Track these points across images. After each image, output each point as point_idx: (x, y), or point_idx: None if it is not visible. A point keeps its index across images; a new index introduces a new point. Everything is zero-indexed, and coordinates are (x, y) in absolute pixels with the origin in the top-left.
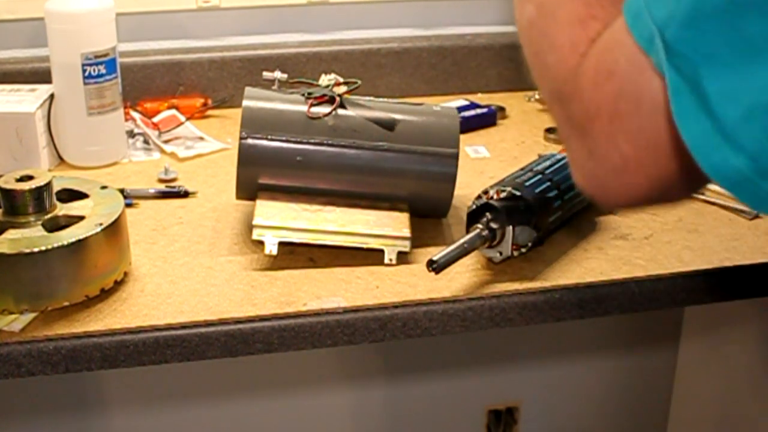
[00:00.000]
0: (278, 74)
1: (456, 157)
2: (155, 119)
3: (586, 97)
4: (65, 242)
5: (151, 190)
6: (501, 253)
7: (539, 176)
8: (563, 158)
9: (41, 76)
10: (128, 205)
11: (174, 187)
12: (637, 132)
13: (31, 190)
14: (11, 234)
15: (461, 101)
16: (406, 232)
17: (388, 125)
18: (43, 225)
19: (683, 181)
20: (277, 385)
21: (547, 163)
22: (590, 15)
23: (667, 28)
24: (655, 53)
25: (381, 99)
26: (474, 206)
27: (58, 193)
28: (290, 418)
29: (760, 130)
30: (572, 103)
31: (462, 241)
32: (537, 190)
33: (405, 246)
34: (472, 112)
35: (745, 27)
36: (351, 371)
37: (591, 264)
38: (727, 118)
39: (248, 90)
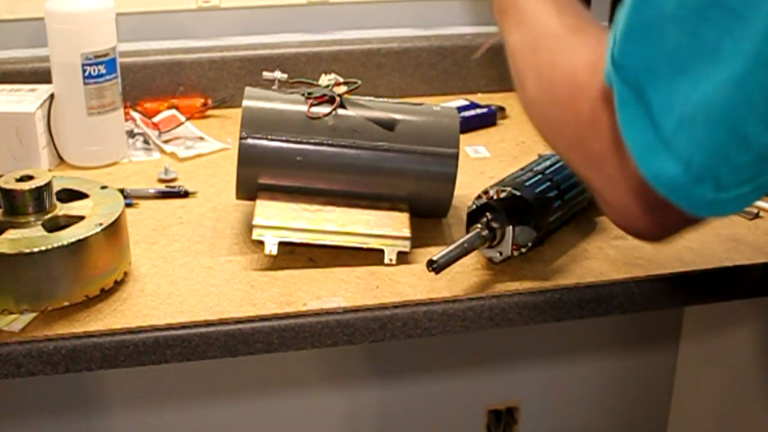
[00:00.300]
0: (278, 74)
1: (456, 157)
2: (155, 119)
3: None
4: (65, 242)
5: (151, 190)
6: (501, 253)
7: (539, 176)
8: None
9: (41, 76)
10: (128, 205)
11: (174, 187)
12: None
13: (31, 190)
14: (11, 234)
15: (461, 101)
16: (406, 232)
17: (388, 125)
18: (43, 225)
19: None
20: (278, 385)
21: (547, 163)
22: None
23: (615, 44)
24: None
25: (381, 99)
26: (474, 206)
27: (58, 193)
28: (290, 418)
29: (688, 139)
30: (592, 140)
31: (462, 241)
32: (537, 190)
33: (405, 246)
34: (472, 112)
35: (669, 41)
36: (351, 371)
37: (591, 264)
38: (665, 127)
39: (248, 90)
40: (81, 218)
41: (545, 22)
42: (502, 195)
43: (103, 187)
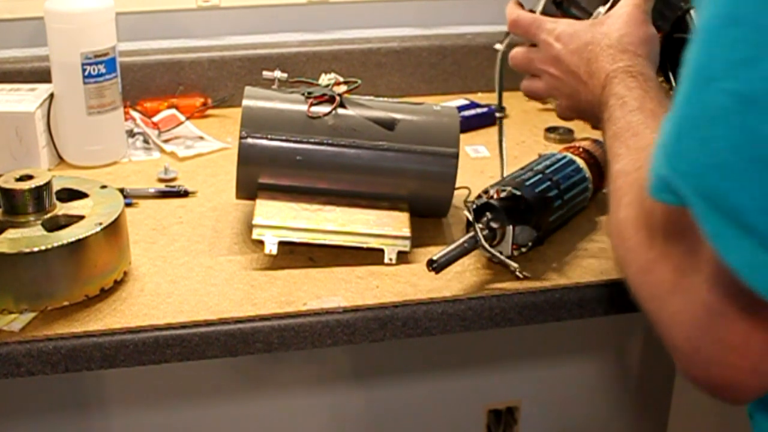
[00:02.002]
0: (278, 73)
1: (456, 156)
2: (155, 119)
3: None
4: (65, 242)
5: (151, 190)
6: (501, 253)
7: (539, 176)
8: (563, 158)
9: (41, 75)
10: (128, 205)
11: (174, 186)
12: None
13: (30, 190)
14: (11, 233)
15: (461, 100)
16: (406, 231)
17: (388, 125)
18: (42, 224)
19: None
20: (278, 384)
21: (548, 162)
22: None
23: (665, 152)
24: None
25: (381, 98)
26: (474, 206)
27: (58, 192)
28: (290, 418)
29: None
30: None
31: (462, 240)
32: (537, 190)
33: (405, 245)
34: (472, 112)
35: (742, 129)
36: (351, 371)
37: (591, 263)
38: (764, 231)
39: (248, 89)
40: (81, 218)
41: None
42: (503, 194)
43: (103, 187)
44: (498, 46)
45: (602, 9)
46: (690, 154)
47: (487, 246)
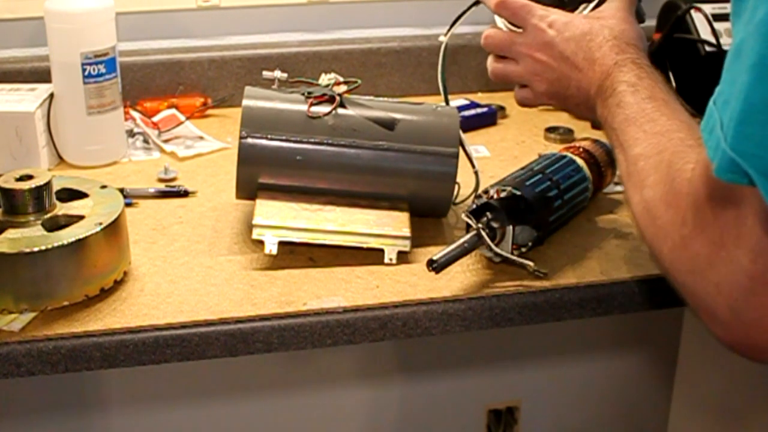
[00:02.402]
0: (278, 73)
1: (456, 156)
2: (155, 119)
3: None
4: (65, 242)
5: (151, 190)
6: (503, 259)
7: (539, 175)
8: (563, 157)
9: (41, 75)
10: (128, 205)
11: (174, 186)
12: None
13: (30, 190)
14: (11, 233)
15: (461, 100)
16: (406, 231)
17: (388, 124)
18: (42, 224)
19: None
20: (277, 384)
21: (548, 162)
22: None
23: (728, 135)
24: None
25: (381, 98)
26: (474, 205)
27: (58, 192)
28: (289, 418)
29: None
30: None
31: (462, 240)
32: (537, 190)
33: (405, 245)
34: (472, 112)
35: None
36: (350, 371)
37: (591, 263)
38: None
39: (248, 89)
40: (81, 218)
41: (670, 126)
42: (503, 194)
43: (103, 187)
44: (442, 38)
45: (589, 5)
46: (756, 136)
47: (497, 249)
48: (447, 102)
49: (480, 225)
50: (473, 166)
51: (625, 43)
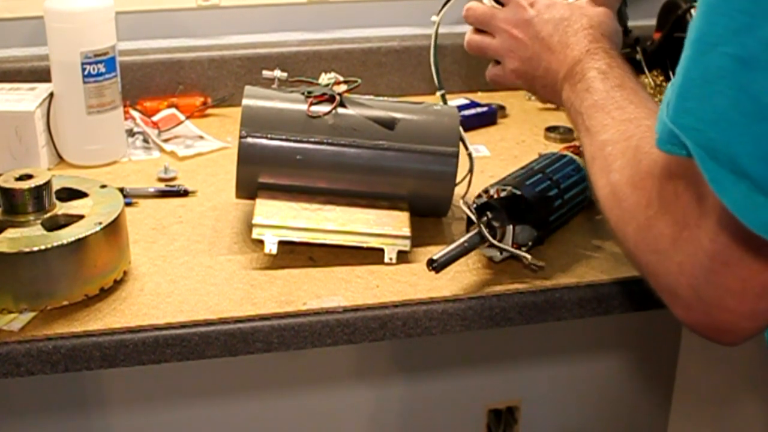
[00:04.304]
0: (278, 73)
1: (456, 155)
2: (155, 118)
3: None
4: (65, 241)
5: (151, 189)
6: (501, 252)
7: (539, 175)
8: (563, 157)
9: (40, 74)
10: (128, 204)
11: (174, 186)
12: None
13: (30, 189)
14: (10, 233)
15: (461, 100)
16: (406, 231)
17: (389, 124)
18: (42, 224)
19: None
20: (277, 384)
21: (548, 161)
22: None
23: (670, 108)
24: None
25: (381, 98)
26: (474, 205)
27: (58, 192)
28: (289, 418)
29: None
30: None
31: (462, 240)
32: (537, 189)
33: (405, 245)
34: (472, 111)
35: (746, 87)
36: (350, 371)
37: (591, 263)
38: (759, 174)
39: (248, 89)
40: (80, 217)
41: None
42: (503, 194)
43: (103, 186)
44: (434, 18)
45: None
46: (693, 110)
47: (495, 242)
48: (440, 84)
49: (480, 224)
50: (466, 148)
51: (600, 33)
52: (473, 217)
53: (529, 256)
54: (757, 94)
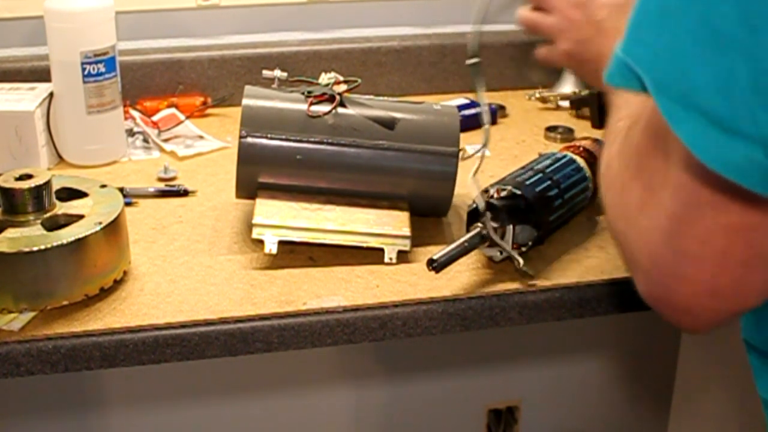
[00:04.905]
0: (278, 73)
1: (456, 155)
2: (155, 118)
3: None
4: (64, 241)
5: (151, 189)
6: (501, 252)
7: (540, 175)
8: (564, 157)
9: (40, 74)
10: (128, 204)
11: (173, 185)
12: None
13: (30, 189)
14: (10, 233)
15: (461, 100)
16: (406, 230)
17: (389, 124)
18: (42, 224)
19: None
20: (277, 384)
21: (548, 161)
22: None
23: (627, 40)
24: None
25: (381, 97)
26: (474, 205)
27: (58, 191)
28: (290, 418)
29: (750, 114)
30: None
31: (462, 240)
32: (537, 189)
33: (405, 245)
34: (472, 111)
35: (697, 19)
36: (351, 370)
37: (591, 263)
38: (716, 110)
39: (248, 88)
40: (80, 217)
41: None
42: (503, 194)
43: (103, 186)
44: None
45: None
46: (648, 41)
47: (496, 238)
48: (474, 53)
49: (480, 224)
50: (481, 102)
51: None
52: (480, 205)
53: (521, 260)
54: (717, 26)
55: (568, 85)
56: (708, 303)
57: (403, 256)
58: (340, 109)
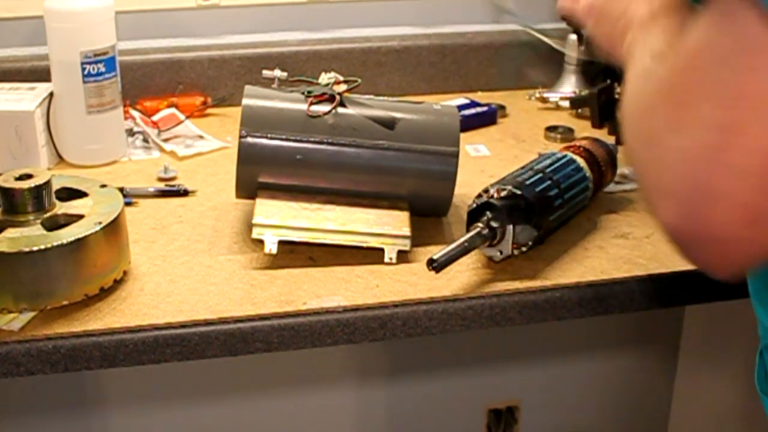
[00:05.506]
0: (278, 72)
1: (456, 155)
2: (155, 118)
3: None
4: (64, 241)
5: (151, 189)
6: (501, 252)
7: (540, 175)
8: (563, 157)
9: (40, 74)
10: (128, 204)
11: (173, 185)
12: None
13: (30, 189)
14: (10, 233)
15: (461, 99)
16: (406, 230)
17: (388, 124)
18: (42, 224)
19: None
20: (277, 384)
21: (548, 161)
22: None
23: None
24: None
25: (381, 97)
26: (474, 205)
27: (58, 191)
28: (290, 418)
29: None
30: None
31: (462, 239)
32: (537, 189)
33: (405, 245)
34: (472, 111)
35: None
36: (351, 370)
37: (591, 263)
38: None
39: (248, 88)
40: (80, 217)
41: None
42: (503, 194)
43: (103, 186)
44: None
45: None
46: None
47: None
48: (508, 11)
49: (480, 224)
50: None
51: None
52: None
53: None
54: None
55: (568, 86)
56: (745, 232)
57: (403, 256)
58: (340, 109)
